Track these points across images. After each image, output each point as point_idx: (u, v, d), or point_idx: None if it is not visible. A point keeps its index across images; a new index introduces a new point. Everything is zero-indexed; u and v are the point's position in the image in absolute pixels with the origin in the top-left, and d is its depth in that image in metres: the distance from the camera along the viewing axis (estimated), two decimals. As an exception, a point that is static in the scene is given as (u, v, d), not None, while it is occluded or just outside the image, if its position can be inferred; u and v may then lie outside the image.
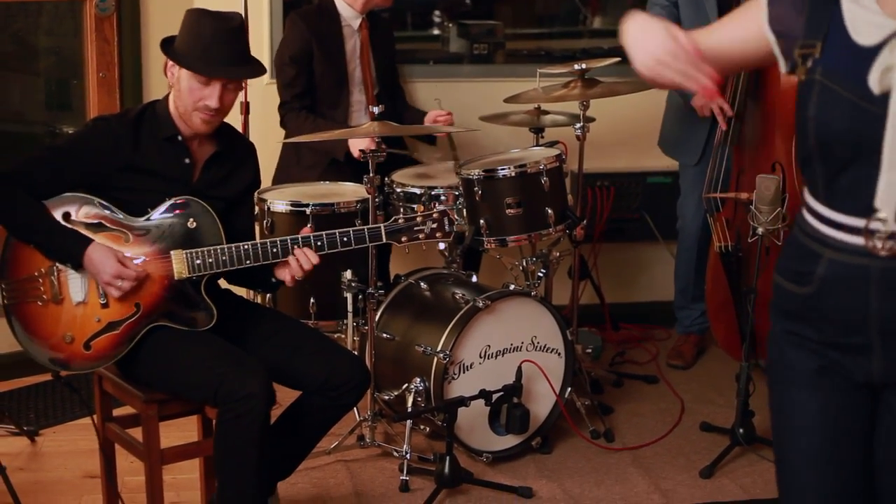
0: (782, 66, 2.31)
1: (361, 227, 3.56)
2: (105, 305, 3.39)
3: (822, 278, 2.30)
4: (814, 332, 2.35)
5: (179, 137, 3.47)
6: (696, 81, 2.21)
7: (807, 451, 2.43)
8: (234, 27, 3.45)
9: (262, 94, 4.88)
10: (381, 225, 3.59)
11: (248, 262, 3.43)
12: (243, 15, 4.53)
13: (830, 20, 2.26)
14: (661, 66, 2.23)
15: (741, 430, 4.25)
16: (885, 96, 2.17)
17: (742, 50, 2.38)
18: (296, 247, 3.46)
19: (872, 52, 2.20)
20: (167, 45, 3.47)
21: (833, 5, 2.28)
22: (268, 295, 4.34)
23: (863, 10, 2.24)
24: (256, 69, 3.55)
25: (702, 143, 4.92)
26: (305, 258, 3.46)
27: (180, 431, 3.90)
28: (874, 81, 2.18)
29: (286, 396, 3.60)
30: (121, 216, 3.40)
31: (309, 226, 4.12)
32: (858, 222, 2.24)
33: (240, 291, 3.79)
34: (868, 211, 2.22)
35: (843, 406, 2.38)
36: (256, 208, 4.17)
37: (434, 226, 3.62)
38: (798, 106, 2.30)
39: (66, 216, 3.37)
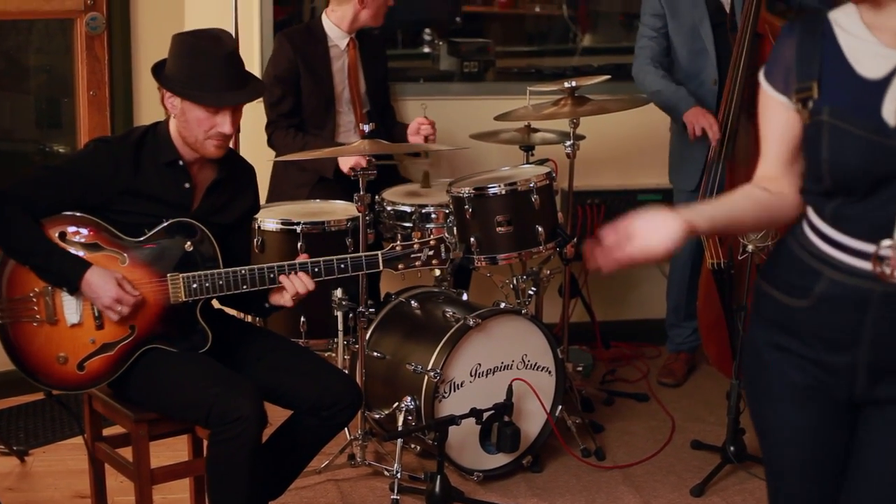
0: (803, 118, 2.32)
1: (359, 255, 3.58)
2: (100, 327, 3.38)
3: (820, 296, 2.30)
4: (800, 346, 2.35)
5: (181, 162, 3.46)
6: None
7: (793, 465, 2.45)
8: (230, 50, 3.43)
9: (253, 112, 4.86)
10: (379, 253, 3.60)
11: (244, 287, 3.43)
12: (234, 33, 4.58)
13: (822, 57, 2.27)
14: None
15: (732, 448, 4.25)
16: None
17: (794, 137, 2.36)
18: (293, 272, 3.46)
19: (882, 85, 2.20)
20: (161, 73, 3.44)
21: (822, 40, 2.28)
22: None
23: (861, 43, 2.25)
24: (259, 87, 3.56)
25: (699, 169, 4.92)
26: (302, 283, 3.46)
27: (170, 451, 3.89)
28: (889, 113, 2.19)
29: (277, 415, 3.59)
30: (117, 237, 3.39)
31: (304, 253, 4.11)
32: (868, 247, 2.24)
33: (230, 310, 3.78)
34: (878, 236, 2.22)
35: (826, 421, 2.39)
36: (251, 228, 4.16)
37: (430, 253, 3.64)
38: (807, 150, 2.30)
39: (62, 235, 3.36)
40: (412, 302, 4.36)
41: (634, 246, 2.29)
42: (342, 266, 3.54)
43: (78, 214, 3.38)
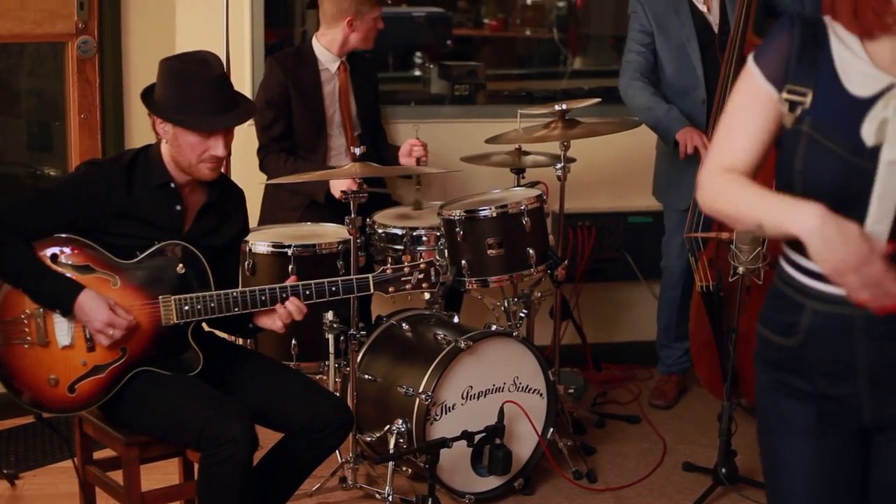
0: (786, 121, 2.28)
1: (350, 278, 3.59)
2: (91, 349, 3.38)
3: (807, 329, 2.30)
4: (804, 383, 2.34)
5: (172, 184, 3.47)
6: (885, 297, 2.10)
7: (804, 498, 2.42)
8: (219, 73, 3.44)
9: (244, 135, 4.88)
10: (370, 276, 3.61)
11: (236, 309, 3.44)
12: (225, 56, 4.59)
13: (819, 68, 2.26)
14: (852, 273, 2.09)
15: (723, 470, 4.24)
16: (875, 149, 2.17)
17: (772, 132, 2.31)
18: (284, 295, 3.46)
19: (866, 104, 2.19)
20: (150, 100, 3.45)
21: (820, 50, 2.27)
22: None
23: (854, 59, 2.23)
24: (249, 107, 3.57)
25: (692, 188, 4.91)
26: (297, 309, 3.47)
27: (161, 474, 3.88)
28: (868, 133, 2.18)
29: (268, 438, 3.59)
30: (109, 259, 3.39)
31: (293, 276, 4.11)
32: None
33: (221, 333, 3.78)
34: None
35: (839, 452, 2.37)
36: (240, 251, 4.16)
37: (421, 276, 3.66)
38: (782, 155, 2.28)
39: (54, 258, 3.36)
40: (403, 324, 4.35)
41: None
42: (333, 289, 3.55)
43: (70, 237, 3.38)
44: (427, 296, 4.46)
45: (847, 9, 2.22)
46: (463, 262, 4.32)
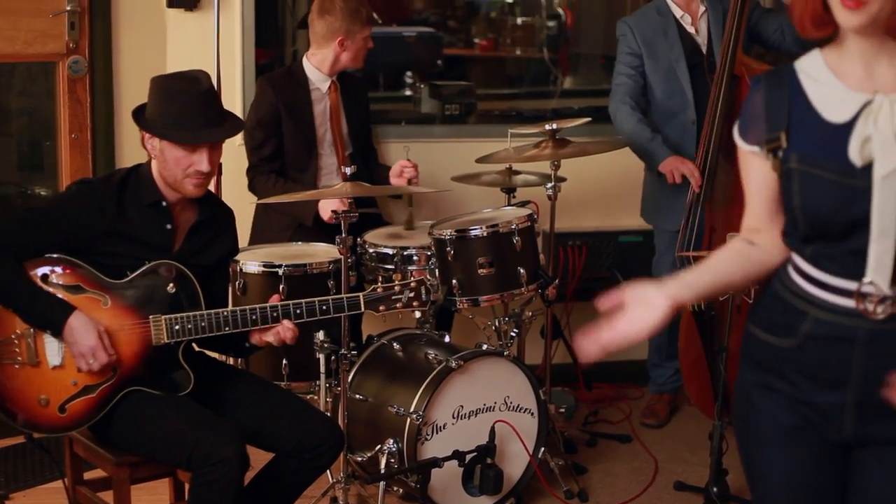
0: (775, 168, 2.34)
1: (340, 297, 3.60)
2: (80, 370, 3.36)
3: (807, 335, 2.32)
4: (788, 387, 2.35)
5: (164, 203, 3.47)
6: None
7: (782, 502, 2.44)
8: (206, 88, 3.46)
9: (235, 154, 4.89)
10: (360, 294, 3.62)
11: (227, 328, 3.44)
12: (216, 76, 4.60)
13: (790, 107, 2.30)
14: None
15: (715, 489, 4.24)
16: (867, 168, 2.20)
17: (773, 188, 2.38)
18: (275, 314, 3.46)
19: (847, 128, 2.23)
20: (140, 116, 3.47)
21: (787, 91, 2.31)
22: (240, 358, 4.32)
23: (827, 89, 2.28)
24: (237, 124, 3.57)
25: (681, 209, 4.95)
26: (286, 331, 3.47)
27: (151, 495, 3.88)
28: (855, 154, 2.21)
29: (259, 458, 3.58)
30: (100, 279, 3.39)
31: (278, 291, 4.11)
32: (850, 284, 2.26)
33: (212, 353, 3.78)
34: (859, 273, 2.24)
35: (817, 463, 2.39)
36: (230, 269, 4.16)
37: (411, 295, 3.67)
38: (782, 197, 2.33)
39: (45, 277, 3.35)
40: (394, 344, 4.35)
41: (616, 333, 2.34)
42: (324, 308, 3.55)
43: (60, 256, 3.38)
44: (418, 314, 4.46)
45: (797, 17, 2.33)
46: (454, 281, 4.33)
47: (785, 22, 4.74)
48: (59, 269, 3.38)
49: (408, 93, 6.51)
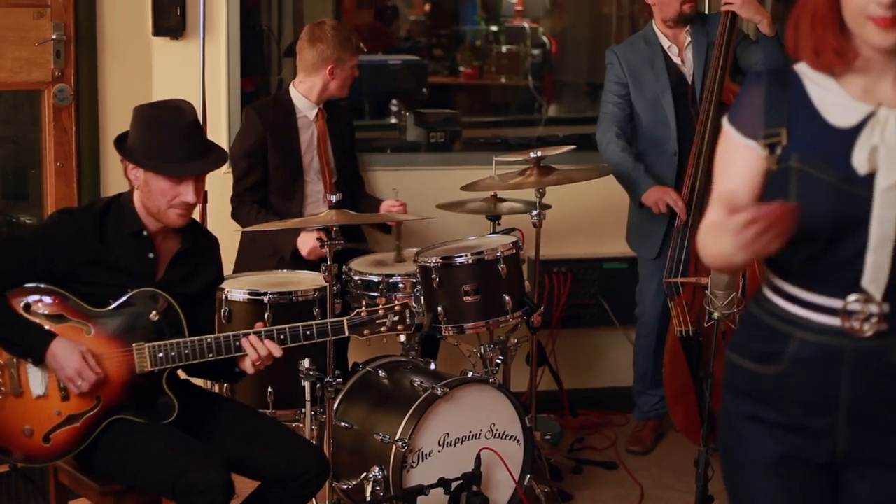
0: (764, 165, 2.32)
1: (325, 321, 3.60)
2: (65, 398, 3.36)
3: (793, 359, 2.31)
4: (775, 414, 2.35)
5: (145, 232, 3.47)
6: (770, 219, 2.12)
7: None
8: (191, 119, 3.46)
9: (221, 182, 4.89)
10: (344, 319, 3.61)
11: (210, 355, 3.43)
12: (202, 104, 4.61)
13: (791, 105, 2.30)
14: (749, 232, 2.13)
15: (701, 516, 4.24)
16: (869, 177, 2.21)
17: (757, 183, 2.35)
18: (257, 338, 3.46)
19: (851, 134, 2.23)
20: (123, 146, 3.47)
21: (789, 90, 2.31)
22: (225, 385, 4.31)
23: (830, 94, 2.28)
24: (221, 155, 3.57)
25: (660, 238, 4.99)
26: (265, 349, 3.46)
27: (137, 523, 3.85)
28: (860, 161, 2.21)
29: (245, 486, 3.57)
30: (82, 308, 3.38)
31: (264, 319, 4.10)
32: (836, 303, 2.26)
33: (197, 381, 3.77)
34: (845, 291, 2.24)
35: (805, 490, 2.38)
36: (215, 297, 4.16)
37: (396, 318, 3.66)
38: (773, 193, 2.30)
39: (27, 307, 3.35)
40: (380, 371, 4.35)
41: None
42: (308, 333, 3.55)
43: (42, 286, 3.38)
44: (402, 339, 4.46)
45: (808, 49, 2.27)
46: (439, 308, 4.33)
47: (767, 57, 4.77)
48: (41, 299, 3.37)
49: (393, 121, 6.53)
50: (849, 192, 2.22)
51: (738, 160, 2.36)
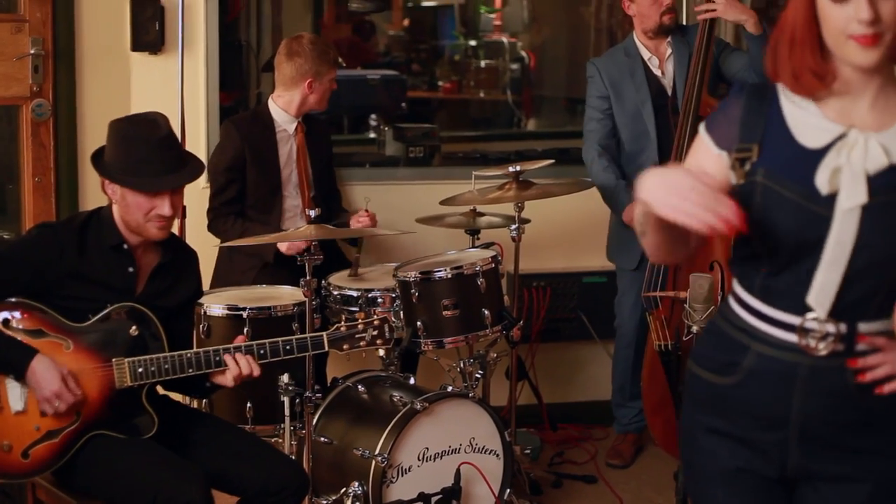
0: (732, 179, 2.33)
1: (304, 336, 3.59)
2: (44, 413, 3.34)
3: (748, 371, 2.32)
4: (730, 426, 2.36)
5: (125, 246, 3.47)
6: (716, 213, 2.10)
7: None
8: (165, 133, 3.45)
9: (199, 196, 4.88)
10: (324, 333, 3.61)
11: (190, 370, 3.43)
12: (180, 118, 4.61)
13: (766, 122, 2.31)
14: (680, 199, 2.12)
15: (680, 529, 4.25)
16: (831, 197, 2.22)
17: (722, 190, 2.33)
18: (238, 353, 3.46)
19: (818, 154, 2.24)
20: (99, 162, 3.46)
21: (767, 107, 2.32)
22: (204, 400, 4.31)
23: (805, 114, 2.29)
24: (198, 167, 3.56)
25: (640, 248, 4.98)
26: (246, 365, 3.46)
27: (115, 540, 3.83)
28: (822, 182, 2.22)
29: (224, 502, 3.56)
30: (62, 323, 3.37)
31: (244, 333, 4.09)
32: (793, 319, 2.27)
33: (176, 396, 3.76)
34: (804, 309, 2.26)
35: (760, 499, 2.39)
36: (194, 312, 4.15)
37: (375, 333, 3.67)
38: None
39: (6, 322, 3.34)
40: (359, 386, 4.35)
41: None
42: (287, 347, 3.55)
43: (21, 300, 3.37)
44: (382, 353, 4.46)
45: (787, 73, 2.28)
46: (418, 323, 4.33)
47: (753, 58, 4.78)
48: (20, 314, 3.36)
49: (372, 135, 6.53)
50: (810, 210, 2.23)
51: (706, 166, 2.36)
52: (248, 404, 4.30)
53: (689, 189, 2.11)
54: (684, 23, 5.49)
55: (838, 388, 2.29)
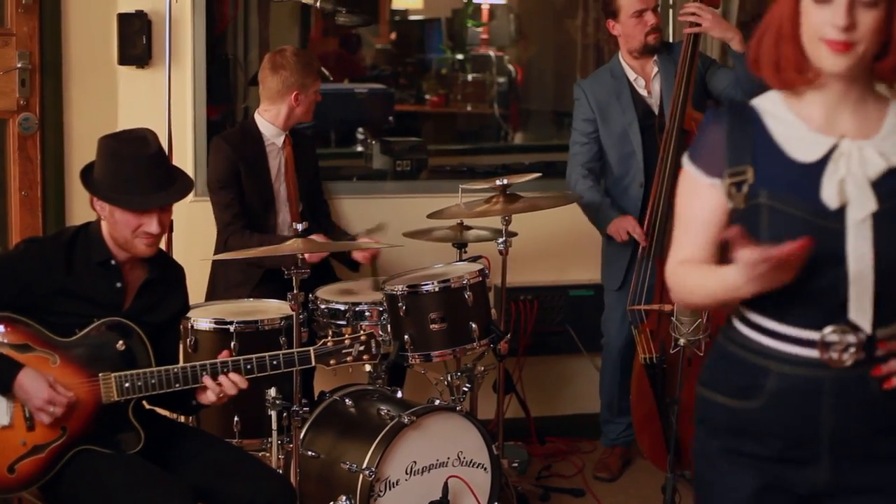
0: (729, 205, 2.32)
1: (291, 351, 3.60)
2: (31, 428, 3.34)
3: (772, 392, 2.30)
4: (756, 447, 2.33)
5: (113, 262, 3.47)
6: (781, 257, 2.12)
7: None
8: (154, 150, 3.45)
9: (188, 210, 4.88)
10: (311, 348, 3.61)
11: (177, 385, 3.42)
12: (167, 132, 4.60)
13: (753, 142, 2.30)
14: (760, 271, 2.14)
15: (668, 542, 4.25)
16: (840, 210, 2.21)
17: (721, 221, 2.35)
18: (225, 371, 3.45)
19: (817, 168, 2.24)
20: (88, 179, 3.46)
21: (751, 126, 2.32)
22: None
23: (791, 129, 2.28)
24: (186, 184, 3.56)
25: (623, 268, 5.02)
26: (231, 384, 3.46)
27: (102, 555, 3.82)
28: (830, 196, 2.21)
29: (210, 517, 3.56)
30: (48, 337, 3.37)
31: (230, 347, 4.08)
32: (811, 335, 2.26)
33: (162, 411, 3.76)
34: (822, 323, 2.25)
35: None
36: (180, 327, 4.14)
37: (361, 348, 3.67)
38: (747, 231, 2.30)
39: (-8, 337, 3.33)
40: (346, 400, 4.34)
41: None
42: (274, 362, 3.55)
43: (7, 315, 3.36)
44: (368, 368, 4.46)
45: (769, 64, 2.29)
46: (406, 336, 4.33)
47: (738, 76, 4.80)
48: (5, 328, 3.35)
49: (359, 149, 6.53)
50: (822, 226, 2.22)
51: (700, 200, 2.36)
52: (236, 418, 4.29)
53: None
54: (671, 40, 5.50)
55: (865, 398, 2.28)
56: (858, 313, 2.24)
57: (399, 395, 4.46)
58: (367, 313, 4.48)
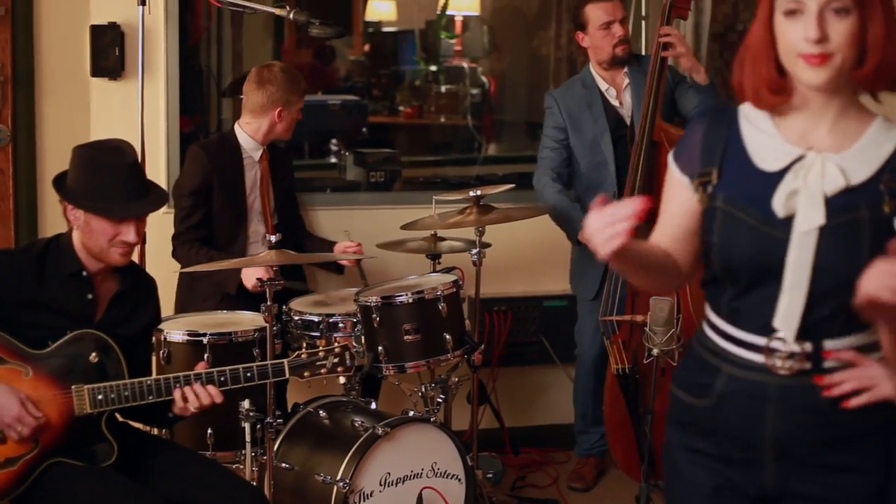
0: (696, 203, 2.38)
1: (265, 363, 3.59)
2: (2, 441, 3.32)
3: (720, 393, 2.34)
4: (709, 445, 2.38)
5: (84, 273, 3.46)
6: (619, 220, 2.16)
7: None
8: (131, 160, 3.45)
9: (159, 222, 4.84)
10: (285, 361, 3.61)
11: (150, 397, 3.41)
12: (140, 144, 4.59)
13: (726, 145, 2.34)
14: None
15: (642, 552, 4.27)
16: (787, 220, 2.24)
17: (689, 218, 2.40)
18: (199, 383, 3.44)
19: (776, 177, 2.27)
20: (62, 187, 3.45)
21: (727, 129, 2.35)
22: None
23: (764, 136, 2.31)
24: (162, 196, 3.58)
25: (597, 279, 5.03)
26: (206, 395, 3.45)
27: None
28: (779, 205, 2.25)
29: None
30: (20, 350, 3.35)
31: (204, 359, 4.07)
32: (759, 340, 2.29)
33: (135, 423, 3.75)
34: (769, 329, 2.27)
35: None
36: (153, 339, 4.13)
37: (336, 360, 3.67)
38: (703, 231, 2.36)
39: (-37, 350, 3.32)
40: (320, 412, 4.34)
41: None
42: (248, 374, 3.54)
43: (-22, 327, 3.35)
44: (342, 380, 4.45)
45: (750, 88, 2.32)
46: (380, 348, 4.33)
47: (705, 100, 4.83)
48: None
49: (333, 160, 6.52)
50: (768, 233, 2.25)
51: (677, 196, 2.42)
52: (209, 430, 4.28)
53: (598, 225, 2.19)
54: (642, 52, 5.53)
55: (810, 407, 2.30)
56: (784, 322, 2.27)
57: (373, 406, 4.46)
58: (340, 325, 4.48)
